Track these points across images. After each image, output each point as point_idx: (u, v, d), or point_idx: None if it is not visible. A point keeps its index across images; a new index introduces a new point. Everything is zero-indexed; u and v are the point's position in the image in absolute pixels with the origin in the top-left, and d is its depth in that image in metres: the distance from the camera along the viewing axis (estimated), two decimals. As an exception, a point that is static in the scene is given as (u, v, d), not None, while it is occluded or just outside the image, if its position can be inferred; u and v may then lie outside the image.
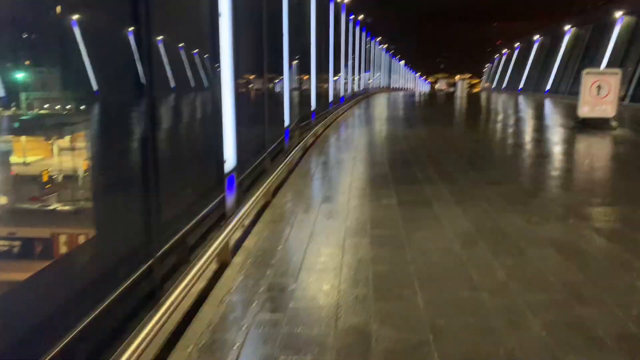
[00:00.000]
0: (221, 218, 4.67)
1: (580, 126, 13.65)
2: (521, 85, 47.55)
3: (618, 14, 28.23)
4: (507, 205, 5.74)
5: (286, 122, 8.81)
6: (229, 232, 4.18)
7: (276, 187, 6.69)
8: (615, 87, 13.38)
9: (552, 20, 59.96)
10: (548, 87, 38.53)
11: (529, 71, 46.75)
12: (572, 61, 34.67)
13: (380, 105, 28.66)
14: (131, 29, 3.05)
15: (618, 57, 27.26)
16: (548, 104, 27.70)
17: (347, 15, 25.83)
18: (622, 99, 24.63)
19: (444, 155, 9.23)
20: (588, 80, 13.52)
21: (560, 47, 38.06)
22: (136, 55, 3.05)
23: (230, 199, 4.89)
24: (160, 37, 3.50)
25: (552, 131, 13.83)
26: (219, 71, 4.70)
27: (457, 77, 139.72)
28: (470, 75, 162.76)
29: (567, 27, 37.37)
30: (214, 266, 4.03)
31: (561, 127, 14.38)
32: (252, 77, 7.45)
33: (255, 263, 4.09)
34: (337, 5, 20.46)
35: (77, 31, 2.66)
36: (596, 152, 10.60)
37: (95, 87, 2.83)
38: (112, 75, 3.03)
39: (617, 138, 12.15)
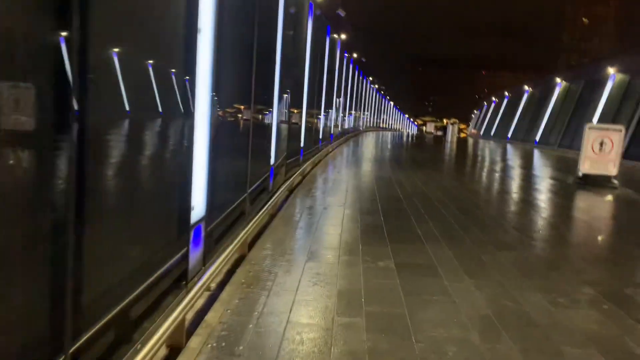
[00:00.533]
0: (182, 277, 3.71)
1: (581, 182, 13.02)
2: (510, 134, 47.69)
3: (610, 70, 28.39)
4: (524, 278, 4.86)
5: (272, 159, 7.93)
6: (186, 306, 3.22)
7: (256, 234, 5.75)
8: (619, 144, 12.85)
9: (539, 75, 61.12)
10: (537, 138, 38.53)
11: (518, 121, 46.98)
12: (563, 114, 34.75)
13: (370, 145, 28.11)
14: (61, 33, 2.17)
15: (610, 112, 27.24)
16: (540, 156, 27.37)
17: (342, 52, 25.49)
18: (555, 145, 24.65)
19: (442, 207, 8.39)
20: (590, 135, 12.97)
21: (550, 99, 38.28)
22: (67, 66, 2.15)
23: (195, 255, 3.93)
24: (105, 48, 2.62)
25: (554, 186, 13.15)
26: (194, 96, 3.82)
27: (445, 121, 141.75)
28: (456, 120, 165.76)
29: (558, 80, 37.68)
30: (162, 352, 3.04)
31: (561, 182, 13.71)
32: (236, 107, 6.59)
33: (216, 349, 3.11)
34: (332, 41, 20.01)
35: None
36: (606, 214, 9.89)
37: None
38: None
39: (622, 198, 11.49)
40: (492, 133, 56.81)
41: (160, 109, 3.88)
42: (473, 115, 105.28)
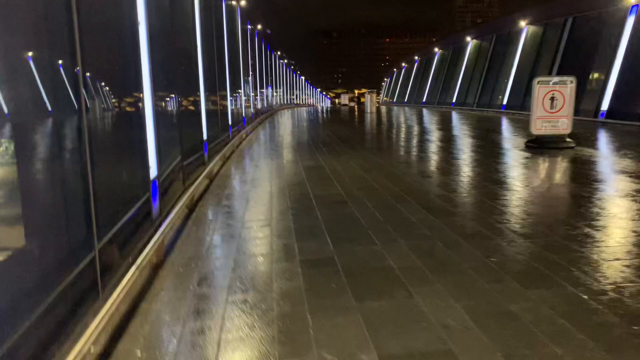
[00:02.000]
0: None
1: (535, 146, 11.38)
2: (424, 99, 47.11)
3: (522, 23, 27.71)
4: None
5: (152, 173, 5.19)
6: None
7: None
8: (570, 98, 11.30)
9: (445, 37, 61.24)
10: (454, 99, 37.90)
11: (431, 84, 46.41)
12: (477, 73, 34.13)
13: (288, 125, 25.49)
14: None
15: (526, 67, 26.62)
16: (464, 118, 26.24)
17: (244, 23, 22.51)
18: (472, 105, 23.97)
19: (404, 208, 6.13)
20: (540, 91, 11.31)
21: (463, 58, 37.64)
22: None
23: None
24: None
25: (508, 154, 11.38)
26: None
27: (356, 91, 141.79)
28: (373, 89, 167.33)
29: (468, 39, 37.02)
30: None
31: (513, 149, 12.01)
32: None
33: None
34: (230, 9, 17.04)
35: None
36: (576, 178, 8.12)
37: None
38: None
39: (582, 159, 9.92)
40: (405, 99, 56.30)
41: None
42: (383, 83, 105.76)
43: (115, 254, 3.86)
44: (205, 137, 9.68)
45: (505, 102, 28.30)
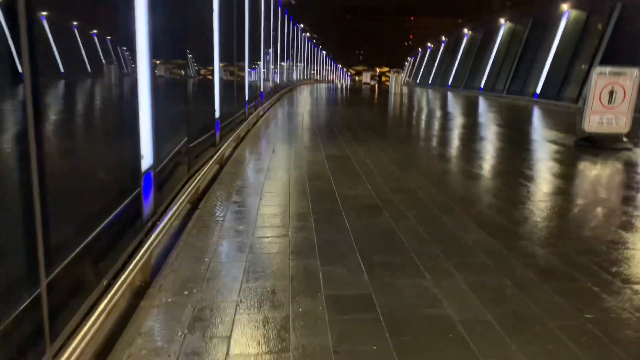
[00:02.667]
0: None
1: (585, 144, 10.10)
2: (450, 82, 45.33)
3: (564, 6, 25.87)
4: None
5: (144, 164, 4.11)
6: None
7: None
8: (633, 93, 9.96)
9: (474, 19, 58.88)
10: (482, 84, 36.20)
11: (458, 67, 44.56)
12: (509, 58, 32.35)
13: (308, 103, 24.23)
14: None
15: (565, 54, 24.91)
16: (497, 105, 24.76)
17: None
18: (575, 100, 22.27)
19: (451, 220, 5.03)
20: (599, 82, 9.97)
21: (494, 42, 35.77)
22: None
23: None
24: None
25: (560, 154, 10.11)
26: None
27: (377, 69, 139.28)
28: (388, 69, 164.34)
29: (502, 21, 35.09)
30: None
31: (563, 147, 10.73)
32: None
33: None
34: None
35: None
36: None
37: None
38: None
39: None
40: (429, 81, 54.43)
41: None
42: (406, 63, 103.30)
43: (75, 285, 2.82)
44: (218, 114, 8.58)
45: (538, 90, 26.67)
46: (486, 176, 7.43)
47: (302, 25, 47.34)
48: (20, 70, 2.29)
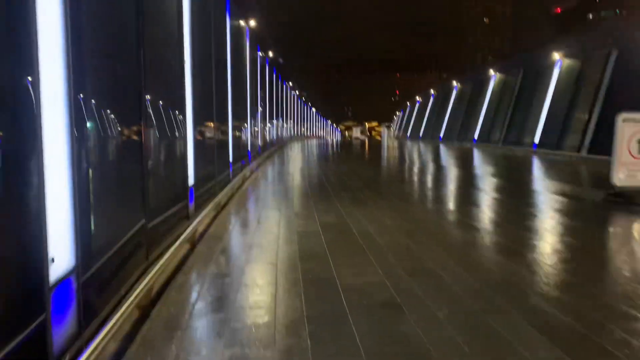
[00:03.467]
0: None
1: (620, 201, 8.84)
2: (442, 134, 44.86)
3: (556, 56, 25.50)
4: None
5: (56, 272, 2.70)
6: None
7: None
8: (665, 141, 8.81)
9: (462, 72, 59.57)
10: (476, 135, 35.56)
11: (449, 119, 44.21)
12: (503, 107, 31.84)
13: (299, 160, 23.06)
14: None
15: (561, 103, 24.26)
16: (495, 157, 23.78)
17: (254, 47, 20.49)
18: (578, 149, 21.39)
19: (496, 322, 3.62)
20: (625, 130, 8.85)
21: (485, 92, 35.45)
22: None
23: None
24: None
25: (593, 214, 8.80)
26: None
27: (367, 124, 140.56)
28: (377, 123, 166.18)
29: (492, 72, 34.93)
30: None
31: (593, 205, 9.44)
32: None
33: None
34: (237, 28, 14.93)
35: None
36: None
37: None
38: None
39: None
40: (420, 134, 54.10)
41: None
42: (395, 117, 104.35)
43: None
44: (192, 181, 7.25)
45: (537, 140, 25.84)
46: (522, 249, 6.04)
47: (290, 84, 47.24)
48: None
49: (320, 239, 6.25)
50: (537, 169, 18.34)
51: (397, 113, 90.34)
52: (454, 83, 44.45)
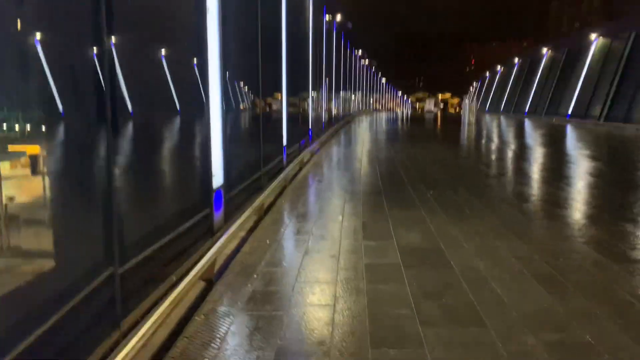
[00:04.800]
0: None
1: None
2: (527, 107, 40.43)
3: None
4: None
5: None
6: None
7: None
8: None
9: (537, 42, 53.72)
10: (570, 109, 31.27)
11: (536, 90, 39.66)
12: (605, 78, 27.42)
13: (368, 140, 20.50)
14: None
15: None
16: (605, 137, 20.10)
17: (319, 9, 18.02)
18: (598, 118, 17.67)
19: None
20: None
21: (584, 60, 30.91)
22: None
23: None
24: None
25: None
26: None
27: (440, 95, 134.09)
28: (450, 95, 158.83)
29: (593, 36, 30.27)
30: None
31: None
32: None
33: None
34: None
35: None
36: None
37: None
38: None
39: None
40: (501, 108, 49.51)
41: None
42: (471, 89, 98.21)
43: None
44: (221, 181, 5.12)
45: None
46: None
47: (360, 52, 44.25)
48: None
49: (403, 287, 3.92)
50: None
51: (474, 84, 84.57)
52: (544, 50, 39.62)
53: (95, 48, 3.01)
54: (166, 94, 4.61)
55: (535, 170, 11.19)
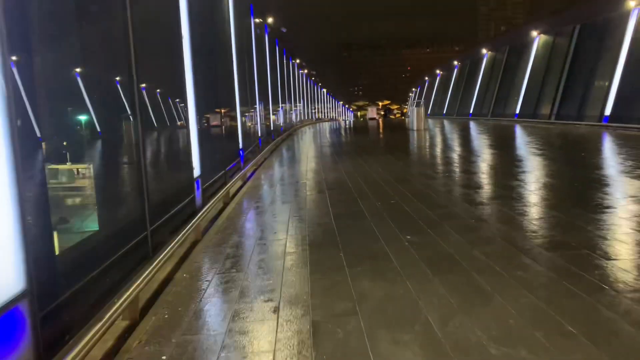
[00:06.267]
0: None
1: None
2: (472, 110, 39.58)
3: (631, 4, 20.09)
4: None
5: None
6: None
7: None
8: None
9: (472, 45, 53.78)
10: (517, 109, 30.29)
11: (479, 92, 38.87)
12: (553, 75, 26.51)
13: (312, 155, 17.99)
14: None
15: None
16: (571, 135, 18.66)
17: (262, 24, 15.59)
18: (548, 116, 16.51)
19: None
20: None
21: (526, 59, 30.09)
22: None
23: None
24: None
25: None
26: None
27: (380, 103, 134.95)
28: (389, 101, 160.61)
29: (534, 34, 29.47)
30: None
31: None
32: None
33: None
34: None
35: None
36: None
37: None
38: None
39: None
40: (444, 110, 48.75)
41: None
42: (411, 94, 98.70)
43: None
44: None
45: (608, 111, 20.64)
46: None
47: (298, 61, 42.06)
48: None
49: None
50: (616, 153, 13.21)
51: (414, 89, 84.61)
52: (484, 51, 38.93)
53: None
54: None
55: (512, 184, 9.11)
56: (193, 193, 6.59)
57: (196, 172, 6.91)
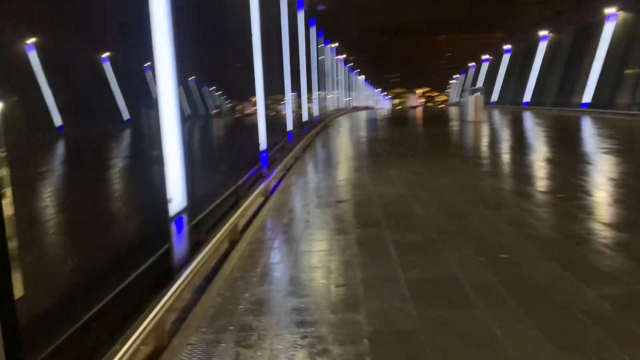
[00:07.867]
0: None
1: None
2: (528, 98, 35.74)
3: None
4: None
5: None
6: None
7: None
8: None
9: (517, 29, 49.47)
10: (587, 99, 26.48)
11: (538, 78, 34.97)
12: (614, 62, 22.65)
13: (351, 158, 15.02)
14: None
15: None
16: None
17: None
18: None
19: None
20: None
21: (596, 40, 26.17)
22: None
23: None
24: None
25: None
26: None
27: (418, 91, 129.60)
28: (429, 88, 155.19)
29: (606, 11, 25.51)
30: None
31: None
32: None
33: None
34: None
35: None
36: None
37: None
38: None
39: None
40: (495, 99, 44.79)
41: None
42: (452, 81, 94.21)
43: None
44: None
45: None
46: None
47: (336, 44, 38.94)
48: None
49: None
50: None
51: (456, 75, 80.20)
52: (542, 32, 34.87)
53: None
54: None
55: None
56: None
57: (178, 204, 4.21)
